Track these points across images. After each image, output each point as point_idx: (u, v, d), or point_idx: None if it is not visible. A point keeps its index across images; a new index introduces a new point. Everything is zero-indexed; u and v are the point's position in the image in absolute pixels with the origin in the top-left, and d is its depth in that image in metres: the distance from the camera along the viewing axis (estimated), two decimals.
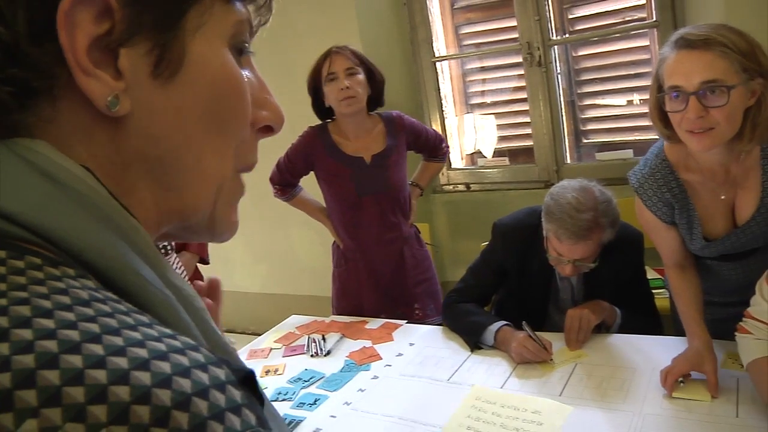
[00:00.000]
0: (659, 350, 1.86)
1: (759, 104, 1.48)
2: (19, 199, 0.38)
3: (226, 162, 0.50)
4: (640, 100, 3.44)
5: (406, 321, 2.37)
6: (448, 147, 2.83)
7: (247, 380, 0.37)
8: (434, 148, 2.75)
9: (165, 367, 0.34)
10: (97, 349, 0.33)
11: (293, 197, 2.71)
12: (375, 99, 2.54)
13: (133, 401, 0.31)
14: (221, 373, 0.36)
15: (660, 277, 3.01)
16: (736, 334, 1.60)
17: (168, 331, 0.37)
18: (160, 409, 0.32)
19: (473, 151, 3.94)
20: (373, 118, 2.60)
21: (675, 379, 1.64)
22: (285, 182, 2.66)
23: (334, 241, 2.75)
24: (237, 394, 0.35)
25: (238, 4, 0.48)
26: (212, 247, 4.30)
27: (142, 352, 0.34)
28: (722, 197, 1.69)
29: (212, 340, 0.44)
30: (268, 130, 0.54)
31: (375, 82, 2.50)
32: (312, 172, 2.63)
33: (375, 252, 2.61)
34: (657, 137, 1.80)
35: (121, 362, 0.33)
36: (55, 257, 0.38)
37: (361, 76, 2.44)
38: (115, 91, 0.42)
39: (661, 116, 1.61)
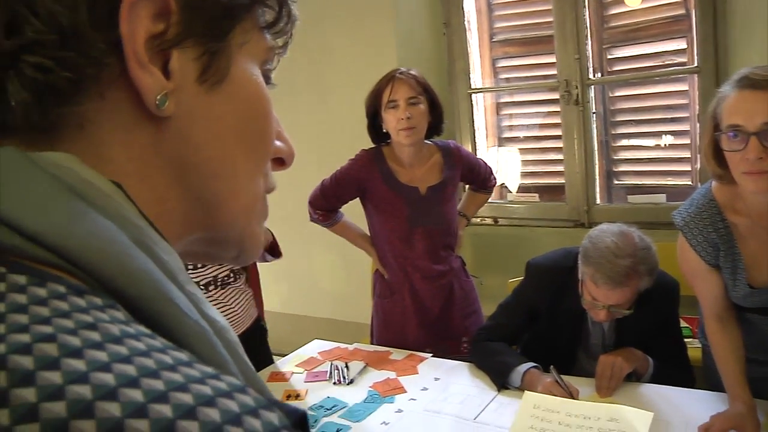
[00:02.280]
0: (692, 403, 1.82)
1: None
2: (43, 218, 0.36)
3: (257, 180, 0.51)
4: (674, 144, 3.41)
5: (431, 355, 2.34)
6: (496, 179, 2.77)
7: (300, 423, 0.35)
8: (485, 180, 2.69)
9: (213, 414, 0.31)
10: (136, 394, 0.30)
11: (336, 223, 2.60)
12: (434, 127, 2.46)
13: None
14: (274, 418, 0.33)
15: (689, 326, 2.97)
16: None
17: (210, 370, 0.34)
18: None
19: (500, 186, 3.91)
20: (430, 148, 2.52)
21: None
22: (329, 207, 2.55)
23: (376, 271, 2.65)
24: None
25: (268, 35, 0.49)
26: None
27: (187, 398, 0.31)
28: None
29: (248, 376, 0.42)
30: (280, 163, 0.55)
31: (436, 111, 2.43)
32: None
33: (424, 285, 2.53)
34: (689, 182, 1.80)
35: (165, 410, 0.30)
36: (80, 284, 0.35)
37: (423, 106, 2.36)
38: (165, 89, 0.42)
39: (715, 155, 1.59)
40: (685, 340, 2.73)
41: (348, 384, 2.15)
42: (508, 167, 3.86)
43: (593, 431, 0.93)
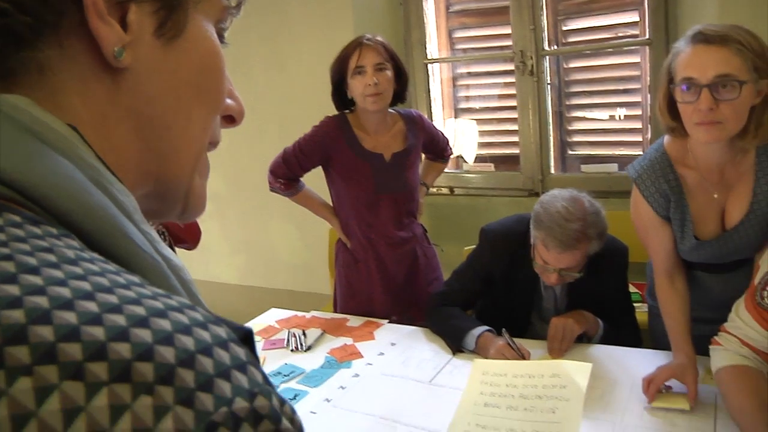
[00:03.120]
0: (639, 363, 1.88)
1: (764, 104, 1.56)
2: (1, 155, 0.37)
3: (206, 133, 0.52)
4: (626, 115, 3.48)
5: (388, 321, 2.37)
6: (452, 149, 2.80)
7: (247, 339, 0.37)
8: (443, 150, 2.72)
9: (165, 324, 0.32)
10: (91, 306, 0.31)
11: (297, 192, 2.57)
12: (398, 95, 2.46)
13: (135, 359, 0.30)
14: (222, 332, 0.35)
15: (638, 291, 3.06)
16: (710, 347, 1.65)
17: (162, 291, 0.36)
18: (164, 367, 0.31)
19: (455, 157, 3.94)
20: (393, 116, 2.52)
21: (657, 388, 1.68)
22: (291, 176, 2.51)
23: (338, 240, 2.64)
24: (241, 352, 0.35)
25: None
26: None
27: (139, 310, 0.32)
28: (715, 196, 1.74)
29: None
30: (231, 120, 0.56)
31: (401, 78, 2.43)
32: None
33: (389, 253, 2.54)
34: (640, 152, 1.86)
35: (119, 319, 0.31)
36: (36, 217, 0.36)
37: (390, 73, 2.35)
38: (122, 41, 0.43)
39: (669, 108, 1.67)
40: (635, 304, 2.82)
41: (305, 351, 2.16)
42: (465, 138, 3.88)
43: (538, 389, 0.97)
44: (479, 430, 0.97)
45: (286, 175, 2.51)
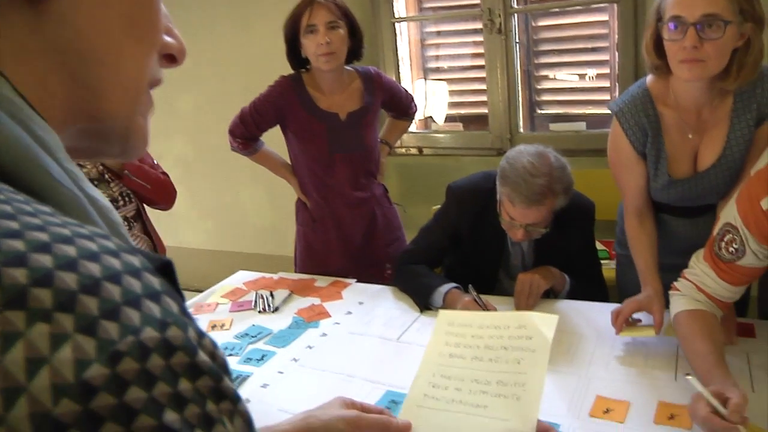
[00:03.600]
0: (605, 317, 1.89)
1: (747, 46, 1.63)
2: None
3: (143, 70, 0.49)
4: (595, 75, 3.47)
5: (356, 280, 2.36)
6: (416, 107, 2.77)
7: (165, 271, 0.35)
8: (406, 108, 2.69)
9: (69, 250, 0.31)
10: None
11: (256, 152, 2.57)
12: (353, 53, 2.43)
13: (32, 284, 0.28)
14: (135, 260, 0.33)
15: (605, 249, 3.08)
16: (669, 292, 1.68)
17: (74, 221, 0.34)
18: (63, 293, 0.29)
19: (425, 116, 3.92)
20: (350, 74, 2.49)
21: (625, 319, 1.75)
22: (248, 135, 2.51)
23: (298, 199, 2.64)
24: (155, 281, 0.33)
25: None
26: None
27: (42, 236, 0.31)
28: (690, 136, 1.81)
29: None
30: (171, 60, 0.53)
31: (356, 36, 2.39)
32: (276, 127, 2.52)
33: (346, 213, 2.54)
34: (609, 111, 1.91)
35: (17, 244, 0.30)
36: None
37: (343, 31, 2.32)
38: None
39: (655, 47, 1.74)
40: (602, 261, 2.84)
41: (273, 312, 2.15)
42: (434, 99, 3.86)
43: (503, 339, 0.95)
44: (444, 381, 0.96)
45: (243, 135, 2.51)
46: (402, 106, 2.68)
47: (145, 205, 2.40)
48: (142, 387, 0.29)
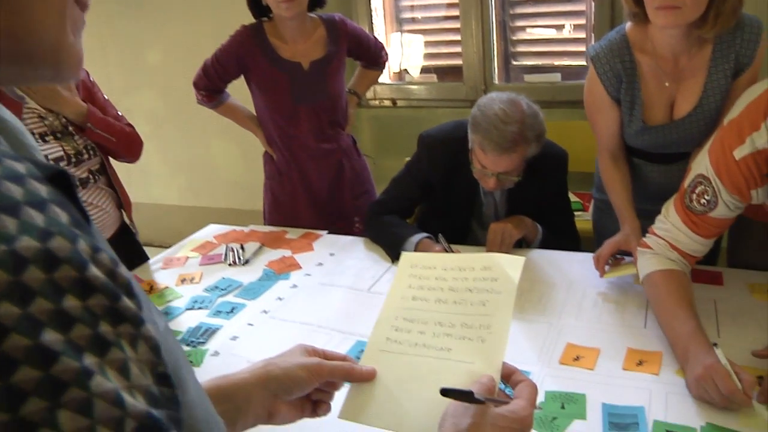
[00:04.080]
0: (577, 266, 1.90)
1: None
2: None
3: None
4: (572, 26, 3.42)
5: (327, 232, 2.33)
6: (387, 55, 2.70)
7: (58, 180, 0.32)
8: (375, 56, 2.62)
9: None
10: None
11: (221, 104, 2.53)
12: (315, 0, 2.36)
13: None
14: (20, 167, 0.30)
15: (579, 200, 3.08)
16: (638, 249, 1.67)
17: None
18: None
19: (400, 70, 3.86)
20: (314, 21, 2.42)
21: (605, 261, 1.78)
22: (212, 87, 2.46)
23: (266, 152, 2.60)
24: (42, 189, 0.30)
25: None
26: None
27: None
28: (666, 84, 1.80)
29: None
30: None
31: None
32: (241, 78, 2.46)
33: (311, 165, 2.50)
34: (584, 63, 1.89)
35: None
36: None
37: None
38: None
39: None
40: (576, 213, 2.84)
41: (243, 264, 2.12)
42: (409, 52, 3.79)
43: (468, 281, 0.92)
44: (407, 324, 0.94)
45: (207, 88, 2.46)
46: (371, 55, 2.61)
47: (111, 159, 2.34)
48: (15, 302, 0.25)
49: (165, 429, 0.30)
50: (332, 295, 1.87)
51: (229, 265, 2.13)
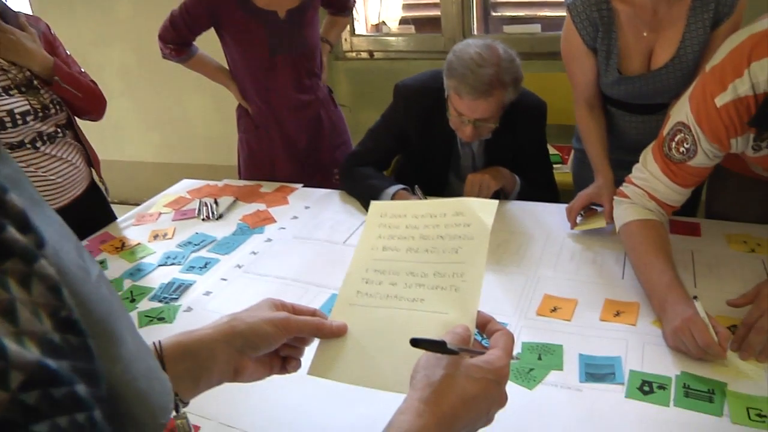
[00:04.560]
0: (555, 218, 1.88)
1: None
2: None
3: None
4: None
5: (302, 185, 2.29)
6: (354, 1, 2.64)
7: None
8: (344, 2, 2.56)
9: None
10: None
11: (190, 58, 2.43)
12: None
13: None
14: None
15: (558, 153, 3.06)
16: (614, 198, 1.65)
17: None
18: None
19: (378, 21, 3.78)
20: None
21: (577, 213, 1.79)
22: (180, 41, 2.36)
23: (239, 106, 2.52)
24: None
25: None
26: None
27: None
28: (644, 34, 1.77)
29: None
30: None
31: None
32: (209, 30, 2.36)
33: (290, 117, 2.43)
34: (563, 13, 1.87)
35: None
36: None
37: None
38: None
39: None
40: (555, 166, 2.82)
41: (217, 219, 2.07)
42: (388, 3, 3.71)
43: (440, 228, 0.88)
44: (377, 276, 0.90)
45: (175, 40, 2.36)
46: (340, 1, 2.55)
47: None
48: None
49: (66, 382, 0.26)
50: (307, 249, 1.83)
51: (203, 219, 2.08)
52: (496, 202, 0.88)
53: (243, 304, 0.89)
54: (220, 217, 2.09)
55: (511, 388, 1.22)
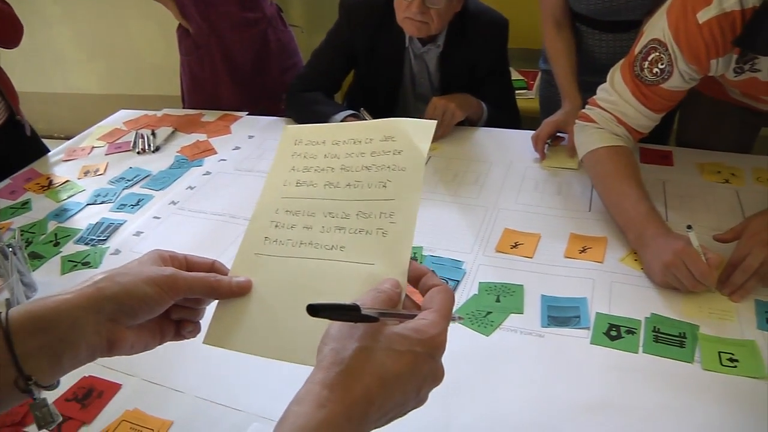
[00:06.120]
0: (517, 144, 1.75)
1: None
2: None
3: None
4: None
5: (247, 113, 2.11)
6: None
7: None
8: None
9: None
10: None
11: None
12: None
13: None
14: None
15: (523, 78, 2.91)
16: (576, 121, 1.50)
17: None
18: None
19: None
20: None
21: (544, 142, 1.67)
22: None
23: (180, 26, 2.30)
24: None
25: None
26: (41, 44, 3.75)
27: None
28: None
29: None
30: None
31: None
32: None
33: (233, 37, 2.22)
34: None
35: None
36: None
37: None
38: None
39: None
40: (520, 91, 2.68)
41: (153, 152, 1.91)
42: None
43: (365, 157, 0.71)
44: (289, 218, 0.73)
45: None
46: None
47: None
48: None
49: None
50: (248, 182, 1.68)
51: (138, 153, 1.92)
52: (434, 122, 0.70)
53: (175, 244, 0.72)
54: (157, 149, 1.92)
55: (466, 334, 1.10)
